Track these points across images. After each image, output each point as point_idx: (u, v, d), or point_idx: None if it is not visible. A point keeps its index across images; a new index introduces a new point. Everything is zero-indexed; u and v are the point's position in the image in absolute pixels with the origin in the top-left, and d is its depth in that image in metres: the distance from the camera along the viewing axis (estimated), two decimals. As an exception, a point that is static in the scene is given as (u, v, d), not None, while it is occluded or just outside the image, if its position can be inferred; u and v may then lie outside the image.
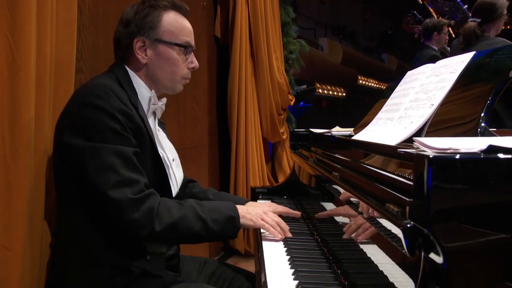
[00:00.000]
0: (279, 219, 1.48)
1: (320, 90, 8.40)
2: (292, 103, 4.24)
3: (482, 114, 0.93)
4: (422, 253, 0.63)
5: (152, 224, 1.22)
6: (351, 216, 1.28)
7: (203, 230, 1.30)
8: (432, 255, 0.62)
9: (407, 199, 0.69)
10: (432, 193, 0.60)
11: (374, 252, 1.01)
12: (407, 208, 0.67)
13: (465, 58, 1.18)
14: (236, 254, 3.67)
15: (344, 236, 1.22)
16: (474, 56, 1.16)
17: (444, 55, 4.37)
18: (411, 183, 0.73)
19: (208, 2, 3.40)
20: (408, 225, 0.65)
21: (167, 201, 1.30)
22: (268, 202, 1.83)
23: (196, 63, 1.50)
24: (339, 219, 1.37)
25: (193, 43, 1.49)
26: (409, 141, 1.15)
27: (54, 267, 1.36)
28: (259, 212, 1.45)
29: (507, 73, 0.96)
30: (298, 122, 4.72)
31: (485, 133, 0.91)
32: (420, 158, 0.62)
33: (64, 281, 1.27)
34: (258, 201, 2.07)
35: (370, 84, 11.73)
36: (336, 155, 1.43)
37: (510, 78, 0.96)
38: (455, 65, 1.21)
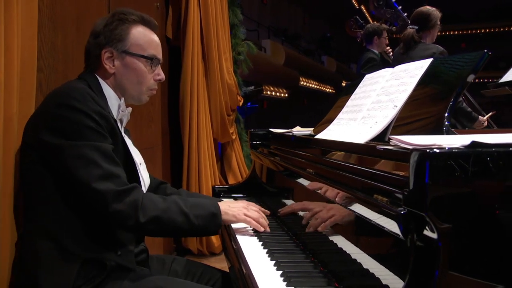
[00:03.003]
0: (261, 213, 1.55)
1: (264, 91, 8.54)
2: (241, 103, 4.30)
3: (446, 114, 1.04)
4: (415, 236, 0.72)
5: (137, 215, 1.28)
6: (308, 210, 1.38)
7: (185, 224, 1.35)
8: (427, 232, 0.71)
9: (399, 190, 0.78)
10: (430, 183, 0.69)
11: (344, 244, 1.11)
12: (403, 197, 0.76)
13: (424, 64, 1.29)
14: (189, 253, 3.67)
15: (311, 230, 1.32)
16: (432, 61, 1.28)
17: (383, 58, 4.63)
18: (396, 177, 0.82)
19: (160, 2, 3.39)
20: (402, 212, 0.75)
21: (151, 195, 1.37)
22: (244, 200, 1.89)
23: (162, 76, 1.56)
24: (302, 213, 1.46)
25: (160, 56, 1.54)
26: (375, 139, 1.25)
27: (22, 265, 1.35)
28: (240, 207, 1.51)
29: (465, 78, 1.08)
30: (244, 122, 4.79)
31: (449, 132, 1.03)
32: (418, 153, 0.71)
33: (34, 278, 1.27)
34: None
35: (311, 85, 12.07)
36: (312, 154, 1.51)
37: (468, 82, 1.08)
38: (414, 70, 1.32)
